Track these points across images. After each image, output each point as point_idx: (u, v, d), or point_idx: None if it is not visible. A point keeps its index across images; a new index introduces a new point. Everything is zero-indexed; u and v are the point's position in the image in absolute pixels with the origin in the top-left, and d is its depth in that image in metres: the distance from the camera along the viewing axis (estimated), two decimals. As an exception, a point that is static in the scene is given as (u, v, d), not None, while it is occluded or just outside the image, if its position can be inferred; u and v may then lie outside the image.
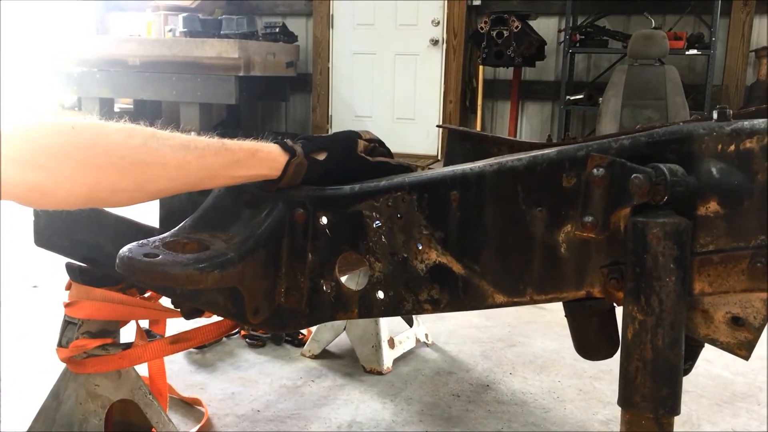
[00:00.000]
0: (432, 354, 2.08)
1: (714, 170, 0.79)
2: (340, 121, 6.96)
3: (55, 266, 1.33)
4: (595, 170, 0.82)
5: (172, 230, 1.03)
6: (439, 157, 6.55)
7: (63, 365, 1.40)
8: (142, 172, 0.91)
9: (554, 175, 0.85)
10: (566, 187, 0.85)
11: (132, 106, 7.07)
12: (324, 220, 1.00)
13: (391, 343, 1.97)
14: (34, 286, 2.57)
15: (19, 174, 0.84)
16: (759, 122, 0.78)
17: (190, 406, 1.70)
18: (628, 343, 0.78)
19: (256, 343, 2.05)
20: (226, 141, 0.98)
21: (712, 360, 2.03)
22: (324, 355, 2.01)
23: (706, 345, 0.96)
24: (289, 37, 6.74)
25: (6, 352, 2.00)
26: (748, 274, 0.79)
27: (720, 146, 0.79)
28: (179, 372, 1.86)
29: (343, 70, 6.88)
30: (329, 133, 6.41)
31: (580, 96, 5.70)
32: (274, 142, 1.02)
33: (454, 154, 1.83)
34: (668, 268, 0.76)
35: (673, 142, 0.81)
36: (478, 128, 6.34)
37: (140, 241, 0.97)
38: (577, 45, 5.74)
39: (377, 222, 0.97)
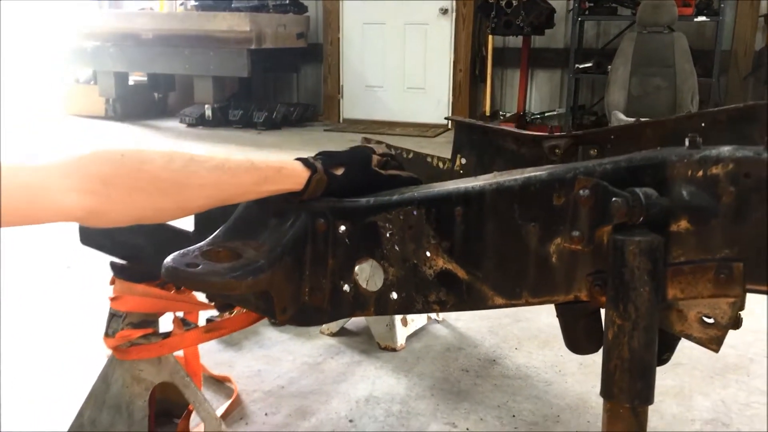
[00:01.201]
0: (442, 330, 2.22)
1: (684, 192, 0.90)
2: (351, 91, 7.04)
3: (87, 249, 1.46)
4: (581, 191, 0.93)
5: (208, 239, 1.16)
6: (449, 126, 6.63)
7: (96, 345, 1.56)
8: (182, 194, 1.04)
9: (546, 194, 0.97)
10: (556, 205, 0.96)
11: (146, 79, 7.16)
12: (342, 228, 1.12)
13: (404, 321, 2.11)
14: (68, 267, 2.72)
15: (79, 200, 0.97)
16: (724, 150, 0.89)
17: (220, 383, 1.85)
18: (609, 343, 0.91)
19: (278, 322, 2.19)
20: (255, 160, 1.10)
21: (707, 333, 2.15)
22: (342, 333, 2.16)
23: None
24: (299, 8, 6.79)
25: (42, 331, 2.15)
26: (714, 283, 0.90)
27: (690, 171, 0.90)
28: (208, 351, 2.01)
29: (353, 41, 6.93)
30: (341, 99, 6.49)
31: (589, 64, 5.74)
32: (297, 159, 1.14)
33: (462, 144, 1.93)
34: (643, 279, 0.88)
35: (649, 167, 0.92)
36: (488, 97, 6.41)
37: (181, 251, 1.10)
38: (586, 12, 5.76)
39: (390, 232, 1.09)
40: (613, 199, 0.88)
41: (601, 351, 0.97)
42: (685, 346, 2.07)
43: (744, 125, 1.61)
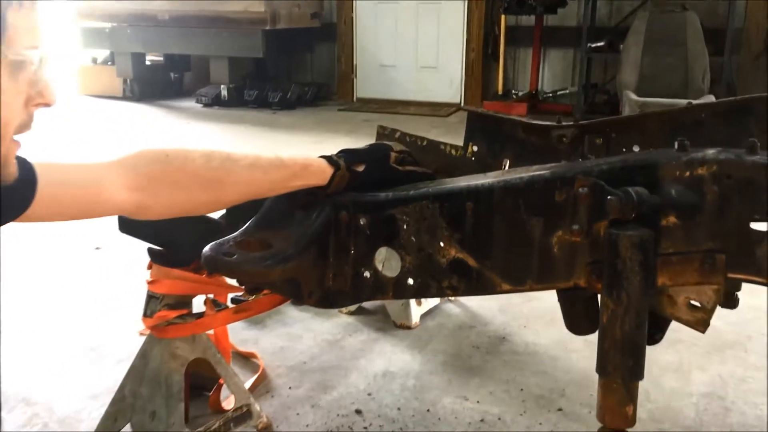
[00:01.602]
0: (455, 309, 2.33)
1: (673, 191, 1.00)
2: (365, 71, 7.10)
3: (116, 230, 1.58)
4: (580, 189, 1.04)
5: (240, 230, 1.27)
6: (462, 105, 6.69)
7: (127, 322, 1.69)
8: (219, 189, 1.16)
9: (549, 191, 1.07)
10: (558, 201, 1.07)
11: (162, 60, 7.26)
12: (363, 220, 1.23)
13: (418, 301, 2.22)
14: (97, 248, 2.85)
15: (129, 196, 1.08)
16: (709, 153, 0.99)
17: (247, 359, 1.98)
18: (603, 325, 1.01)
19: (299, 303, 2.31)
20: (284, 158, 1.21)
21: (708, 312, 2.25)
22: (359, 312, 2.28)
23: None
24: (313, -12, 6.83)
25: (71, 311, 2.29)
26: (699, 272, 1.01)
27: (678, 172, 1.00)
28: (235, 329, 2.13)
29: (367, 20, 6.97)
30: (355, 79, 6.55)
31: (601, 43, 5.77)
32: (321, 156, 1.25)
33: (474, 132, 2.02)
34: (634, 270, 0.98)
35: (642, 168, 1.02)
36: (501, 76, 6.45)
37: (218, 242, 1.22)
38: (599, -9, 5.78)
39: (407, 224, 1.20)
40: (609, 197, 0.98)
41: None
42: (685, 325, 2.16)
43: (742, 117, 1.69)
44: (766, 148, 1.54)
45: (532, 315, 2.27)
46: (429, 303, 2.28)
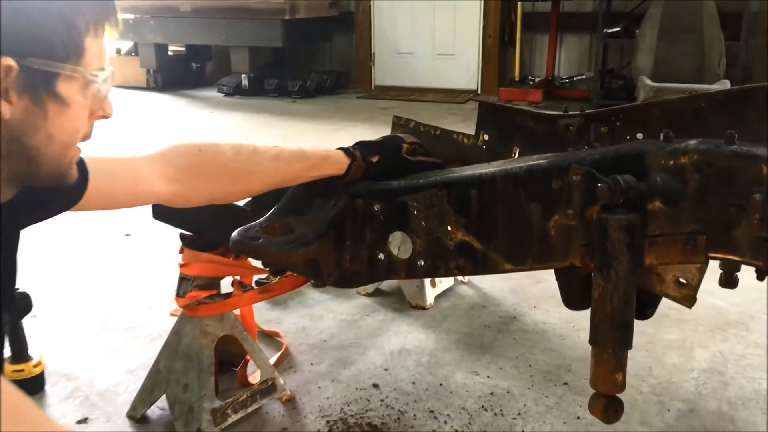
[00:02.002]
0: (468, 291, 2.44)
1: (659, 179, 1.09)
2: (383, 59, 7.18)
3: (145, 217, 1.70)
4: (574, 177, 1.13)
5: (265, 216, 1.38)
6: (479, 92, 6.76)
7: (158, 303, 1.81)
8: (247, 180, 1.27)
9: (546, 179, 1.17)
10: (554, 188, 1.16)
11: (184, 49, 7.39)
12: (377, 207, 1.34)
13: (433, 282, 2.34)
14: (127, 235, 2.99)
15: (166, 187, 1.20)
16: (691, 144, 1.08)
17: (271, 338, 2.10)
18: (595, 301, 1.11)
19: (319, 284, 2.43)
20: (306, 150, 1.32)
21: (713, 292, 2.32)
22: (376, 293, 2.39)
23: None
24: (330, -23, 6.90)
25: (105, 294, 2.43)
26: (683, 252, 1.10)
27: (663, 161, 1.09)
28: (259, 309, 2.26)
29: (384, 8, 7.04)
30: (373, 67, 6.62)
31: (617, 29, 5.80)
32: (339, 148, 1.35)
33: (485, 121, 2.12)
34: (622, 250, 1.08)
35: (631, 157, 1.12)
36: (517, 62, 6.50)
37: (245, 227, 1.33)
38: (615, -23, 5.79)
39: (417, 210, 1.30)
40: (599, 184, 1.08)
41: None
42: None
43: (741, 105, 1.77)
44: (765, 135, 1.65)
45: (542, 296, 2.37)
46: (443, 285, 2.39)
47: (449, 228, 1.28)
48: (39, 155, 0.85)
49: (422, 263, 1.33)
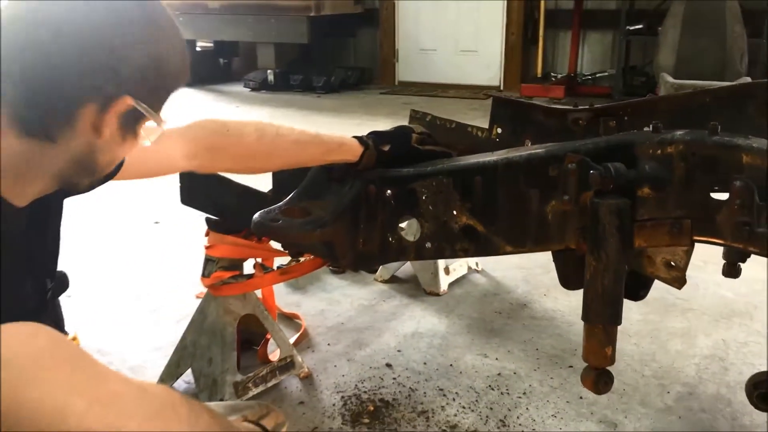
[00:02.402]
0: (481, 279, 2.53)
1: (647, 167, 1.18)
2: (406, 55, 7.26)
3: (173, 205, 1.81)
4: (569, 165, 1.22)
5: (285, 200, 1.49)
6: (501, 88, 6.81)
7: (178, 288, 1.92)
8: (268, 160, 1.38)
9: (544, 167, 1.25)
10: (552, 175, 1.25)
11: (212, 45, 7.54)
12: (389, 192, 1.44)
13: (447, 270, 2.43)
14: (156, 222, 3.12)
15: (188, 163, 1.31)
16: (677, 134, 1.16)
17: (291, 320, 2.21)
18: (587, 280, 1.20)
19: (338, 270, 2.54)
20: (323, 136, 1.42)
21: (720, 283, 2.39)
22: (392, 280, 2.49)
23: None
24: (356, -26, 7.00)
25: (135, 278, 2.55)
26: (669, 235, 1.18)
27: (651, 150, 1.17)
28: (280, 293, 2.37)
29: (408, 5, 7.13)
30: (396, 63, 6.69)
31: (640, 26, 5.82)
32: (354, 137, 1.45)
33: (498, 115, 2.20)
34: (612, 233, 1.16)
35: (622, 146, 1.20)
36: (540, 59, 6.54)
37: (265, 210, 1.44)
38: (638, -26, 5.81)
39: (426, 195, 1.40)
40: (591, 171, 1.17)
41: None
42: (698, 295, 2.34)
43: (742, 101, 1.84)
44: (766, 129, 1.72)
45: (552, 285, 2.44)
46: (457, 272, 2.48)
47: (455, 212, 1.37)
48: (97, 172, 0.96)
49: (430, 245, 1.42)
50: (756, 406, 1.23)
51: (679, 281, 1.27)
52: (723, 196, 1.14)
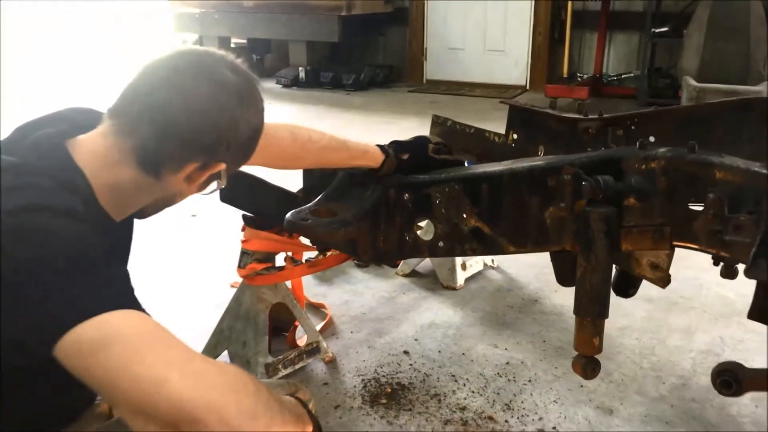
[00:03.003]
0: (496, 275, 2.69)
1: (633, 180, 1.33)
2: (435, 53, 7.40)
3: (209, 200, 1.99)
4: (566, 176, 1.38)
5: (313, 202, 1.67)
6: (527, 87, 6.92)
7: (215, 278, 2.11)
8: (297, 161, 1.57)
9: (543, 177, 1.41)
10: (550, 185, 1.41)
11: (246, 42, 7.76)
12: (406, 196, 1.61)
13: (464, 266, 2.59)
14: (193, 215, 3.33)
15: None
16: (660, 151, 1.31)
17: (317, 309, 2.40)
18: (578, 279, 1.36)
19: (362, 264, 2.72)
20: (349, 142, 1.59)
21: (723, 283, 2.51)
22: (412, 274, 2.67)
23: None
24: (386, -26, 7.15)
25: (174, 268, 2.76)
26: (652, 240, 1.34)
27: (637, 165, 1.33)
28: (307, 285, 2.55)
29: (437, 4, 7.26)
30: (425, 61, 6.83)
31: (666, 28, 5.89)
32: (377, 145, 1.62)
33: (514, 122, 2.35)
34: (600, 237, 1.32)
35: (612, 161, 1.36)
36: (566, 59, 6.64)
37: (296, 210, 1.62)
38: (665, -24, 5.88)
39: (439, 200, 1.56)
40: (583, 183, 1.32)
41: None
42: (700, 294, 2.46)
43: (743, 113, 1.97)
44: (765, 140, 1.87)
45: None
46: (473, 269, 2.64)
47: (464, 216, 1.54)
48: (170, 206, 1.19)
49: (442, 244, 1.59)
50: (719, 391, 1.39)
51: (663, 281, 1.43)
52: (699, 207, 1.29)
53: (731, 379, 1.35)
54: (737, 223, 1.20)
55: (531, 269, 2.71)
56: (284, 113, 6.05)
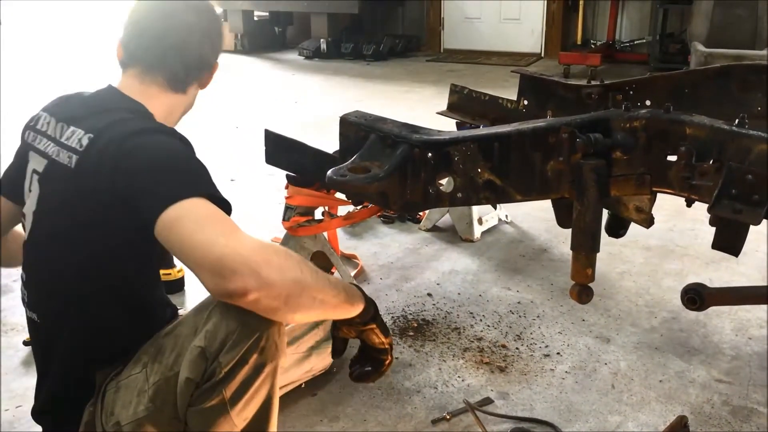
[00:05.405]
0: (509, 229, 2.97)
1: (619, 136, 1.60)
2: (451, 23, 7.59)
3: (250, 164, 2.28)
4: (563, 134, 1.64)
5: (350, 161, 1.95)
6: (542, 55, 7.11)
7: (257, 234, 2.41)
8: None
9: (545, 136, 1.68)
10: (551, 142, 1.68)
11: (267, 15, 7.99)
12: (429, 154, 1.88)
13: (480, 221, 2.87)
14: (232, 180, 3.63)
15: None
16: (641, 112, 1.57)
17: (350, 260, 2.70)
18: (574, 220, 1.63)
19: (388, 221, 3.01)
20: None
21: (717, 235, 2.77)
22: (434, 228, 2.95)
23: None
24: (404, -54, 7.32)
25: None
26: (635, 186, 1.61)
27: (622, 124, 1.59)
28: (340, 238, 2.85)
29: (454, -25, 7.43)
30: (442, 31, 7.01)
31: (677, -5, 6.05)
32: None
33: (525, 89, 2.61)
34: (591, 184, 1.59)
35: (602, 121, 1.62)
36: (580, 27, 6.81)
37: (335, 167, 1.90)
38: (676, -56, 6.02)
39: (458, 157, 1.84)
40: (577, 139, 1.59)
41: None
42: (695, 243, 2.72)
43: (726, 79, 2.22)
44: (744, 103, 2.13)
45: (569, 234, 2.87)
46: (489, 223, 2.92)
47: (479, 170, 1.81)
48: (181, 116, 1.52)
49: (460, 195, 1.87)
50: (686, 306, 1.67)
51: (646, 221, 1.70)
52: (673, 158, 1.56)
53: (696, 296, 1.63)
54: (702, 170, 1.47)
55: (542, 223, 2.98)
56: (311, 85, 6.32)
